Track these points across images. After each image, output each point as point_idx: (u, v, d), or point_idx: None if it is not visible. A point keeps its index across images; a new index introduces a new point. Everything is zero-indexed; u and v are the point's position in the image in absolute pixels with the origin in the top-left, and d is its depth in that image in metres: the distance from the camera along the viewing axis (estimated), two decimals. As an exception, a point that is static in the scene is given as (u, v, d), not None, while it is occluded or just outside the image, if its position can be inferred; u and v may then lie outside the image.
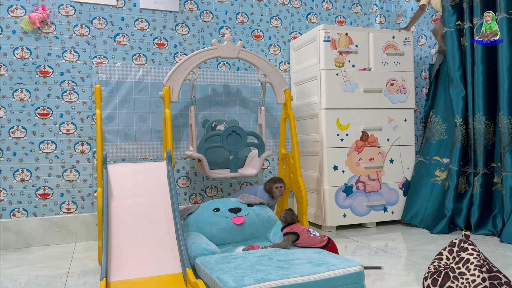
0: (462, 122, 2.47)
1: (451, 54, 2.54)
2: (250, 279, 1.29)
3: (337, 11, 3.05)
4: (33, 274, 1.82)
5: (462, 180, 2.49)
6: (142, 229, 1.72)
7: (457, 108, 2.50)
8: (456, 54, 2.53)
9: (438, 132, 2.64)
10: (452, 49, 2.54)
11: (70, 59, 2.45)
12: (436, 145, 2.63)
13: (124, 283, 1.50)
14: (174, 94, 2.23)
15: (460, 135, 2.47)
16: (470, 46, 2.47)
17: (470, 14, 2.47)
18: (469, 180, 2.47)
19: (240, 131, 2.31)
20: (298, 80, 2.76)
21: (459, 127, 2.48)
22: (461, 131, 2.47)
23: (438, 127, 2.65)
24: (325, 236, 1.72)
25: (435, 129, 2.66)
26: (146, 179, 1.93)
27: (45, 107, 2.41)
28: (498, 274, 1.27)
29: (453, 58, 2.53)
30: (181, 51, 2.66)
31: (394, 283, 1.56)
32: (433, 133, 2.66)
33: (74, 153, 2.45)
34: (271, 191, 2.28)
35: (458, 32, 2.54)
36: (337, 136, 2.50)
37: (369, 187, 2.57)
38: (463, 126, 2.47)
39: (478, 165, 2.41)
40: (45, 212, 2.39)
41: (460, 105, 2.49)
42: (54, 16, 2.42)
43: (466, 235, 1.35)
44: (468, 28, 2.48)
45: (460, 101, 2.49)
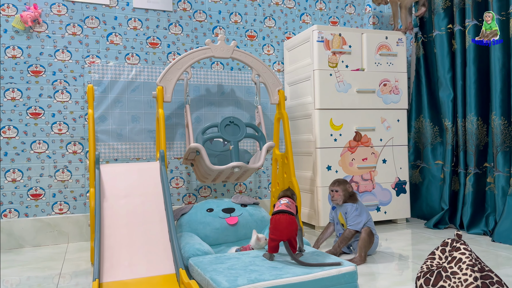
0: (451, 125, 2.53)
1: (441, 57, 2.58)
2: (244, 279, 1.29)
3: (330, 11, 3.06)
4: (24, 275, 1.80)
5: (454, 179, 2.54)
6: (135, 229, 1.71)
7: (447, 111, 2.55)
8: (446, 58, 2.57)
9: (432, 136, 2.71)
10: (442, 52, 2.58)
11: (63, 58, 2.43)
12: (433, 149, 2.73)
13: (117, 284, 1.49)
14: (167, 94, 2.22)
15: (450, 137, 2.53)
16: (462, 48, 2.49)
17: (461, 17, 2.50)
18: (459, 180, 2.51)
19: (238, 122, 2.24)
20: (292, 80, 2.77)
21: (449, 129, 2.53)
22: (451, 133, 2.53)
23: (430, 130, 2.72)
24: (286, 203, 1.60)
25: (428, 133, 2.73)
26: (139, 179, 1.92)
27: (37, 107, 2.39)
28: (489, 273, 1.28)
29: (443, 62, 2.57)
30: (175, 51, 2.65)
31: (387, 282, 1.57)
32: (427, 137, 2.74)
33: (66, 153, 2.43)
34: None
35: (449, 36, 2.57)
36: (330, 136, 2.51)
37: (362, 187, 2.58)
38: (452, 128, 2.53)
39: (469, 165, 2.44)
40: (37, 212, 2.37)
41: (450, 108, 2.55)
42: (46, 15, 2.41)
43: (459, 234, 1.36)
44: (459, 31, 2.50)
45: (449, 104, 2.55)
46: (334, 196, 1.94)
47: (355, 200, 1.92)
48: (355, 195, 1.95)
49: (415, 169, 2.84)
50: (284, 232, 1.50)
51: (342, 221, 1.93)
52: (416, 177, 2.83)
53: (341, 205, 1.93)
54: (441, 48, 2.58)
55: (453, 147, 2.55)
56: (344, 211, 1.91)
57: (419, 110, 2.85)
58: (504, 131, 2.28)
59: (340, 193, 1.92)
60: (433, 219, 2.52)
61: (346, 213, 1.90)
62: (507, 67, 2.27)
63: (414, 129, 2.86)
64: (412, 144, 2.86)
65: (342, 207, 1.92)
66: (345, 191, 1.92)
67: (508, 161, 2.27)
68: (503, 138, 2.28)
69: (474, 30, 2.41)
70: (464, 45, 2.49)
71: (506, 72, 2.28)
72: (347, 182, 1.95)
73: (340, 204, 1.93)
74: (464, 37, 2.47)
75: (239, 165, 2.16)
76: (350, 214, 1.88)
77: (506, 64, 2.27)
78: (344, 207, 1.91)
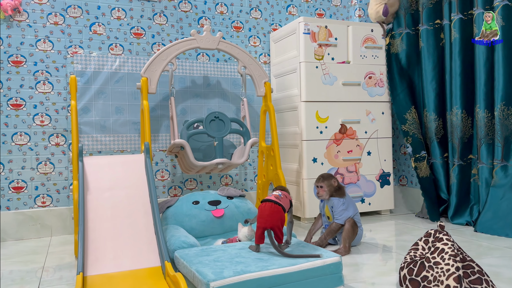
0: (436, 118, 2.56)
1: (427, 51, 2.60)
2: (230, 271, 1.29)
3: (316, 3, 3.05)
4: (7, 269, 1.77)
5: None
6: (120, 222, 1.70)
7: (433, 104, 2.58)
8: (434, 52, 2.58)
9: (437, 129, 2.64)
10: (428, 47, 2.59)
11: (44, 48, 2.38)
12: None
13: (101, 277, 1.47)
14: (152, 85, 2.20)
15: (436, 130, 2.56)
16: (449, 43, 2.51)
17: (449, 12, 2.51)
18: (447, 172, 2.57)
19: (223, 117, 2.24)
20: (278, 73, 2.76)
21: (434, 122, 2.57)
22: (436, 126, 2.56)
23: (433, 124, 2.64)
24: (277, 195, 1.59)
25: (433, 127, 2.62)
26: (124, 171, 1.90)
27: (18, 98, 2.33)
28: (471, 263, 1.31)
29: (429, 56, 2.59)
30: (159, 41, 2.62)
31: (371, 273, 1.59)
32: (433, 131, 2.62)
33: (48, 145, 2.39)
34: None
35: (437, 31, 2.59)
36: (316, 128, 2.51)
37: (347, 179, 2.59)
38: (438, 121, 2.56)
39: (454, 157, 2.48)
40: (19, 205, 2.33)
41: (436, 101, 2.58)
42: (27, 3, 2.34)
43: (441, 225, 1.38)
44: (447, 25, 2.52)
45: (435, 98, 2.57)
46: (319, 192, 1.94)
47: (342, 194, 1.93)
48: (343, 189, 1.95)
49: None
50: (267, 219, 1.50)
51: (328, 214, 1.95)
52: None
53: (328, 199, 1.93)
54: (428, 43, 2.60)
55: (440, 140, 2.59)
56: (330, 205, 1.92)
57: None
58: (488, 124, 2.32)
59: (325, 188, 1.92)
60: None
61: (332, 207, 1.91)
62: (490, 60, 2.30)
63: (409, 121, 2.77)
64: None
65: (329, 201, 1.93)
66: (330, 186, 1.93)
67: (491, 153, 2.31)
68: (487, 130, 2.32)
69: (459, 24, 2.43)
70: (450, 39, 2.50)
71: (490, 65, 2.30)
72: (332, 177, 1.95)
73: (327, 199, 1.94)
74: (451, 31, 2.49)
75: (223, 162, 2.20)
76: (336, 208, 1.89)
77: (490, 58, 2.30)
78: (331, 201, 1.92)
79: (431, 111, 2.59)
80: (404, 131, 2.63)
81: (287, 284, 1.32)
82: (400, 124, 2.65)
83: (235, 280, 1.25)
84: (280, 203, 1.55)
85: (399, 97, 2.67)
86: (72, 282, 1.59)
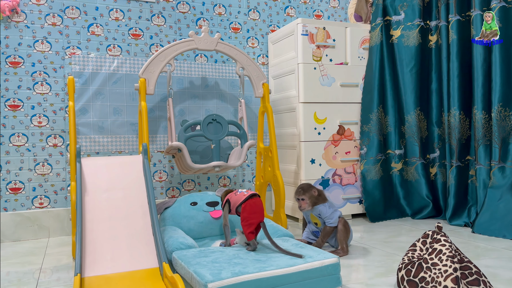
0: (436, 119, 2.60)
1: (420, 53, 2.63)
2: (228, 272, 1.29)
3: (314, 4, 3.05)
4: (4, 271, 1.77)
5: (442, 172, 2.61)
6: (118, 223, 1.69)
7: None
8: (430, 53, 2.60)
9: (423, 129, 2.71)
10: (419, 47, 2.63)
11: (42, 49, 2.38)
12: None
13: (99, 278, 1.47)
14: (150, 86, 2.20)
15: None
16: (446, 43, 2.52)
17: (446, 12, 2.52)
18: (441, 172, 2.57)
19: (221, 120, 2.25)
20: (276, 74, 2.76)
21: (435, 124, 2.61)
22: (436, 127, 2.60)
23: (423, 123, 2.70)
24: (249, 190, 1.66)
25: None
26: (122, 172, 1.89)
27: (16, 99, 2.33)
28: (468, 264, 1.31)
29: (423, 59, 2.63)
30: (157, 43, 2.62)
31: (369, 274, 1.59)
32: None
33: (46, 146, 2.38)
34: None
35: (425, 31, 2.61)
36: (314, 129, 2.52)
37: (345, 180, 2.60)
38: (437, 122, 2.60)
39: (452, 158, 2.48)
40: (16, 206, 2.32)
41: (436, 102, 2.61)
42: (25, 4, 2.34)
43: (439, 226, 1.38)
44: (444, 26, 2.52)
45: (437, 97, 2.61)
46: (302, 205, 1.87)
47: (324, 199, 1.89)
48: (323, 194, 1.90)
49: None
50: (261, 214, 1.59)
51: (315, 220, 1.92)
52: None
53: (312, 209, 1.89)
54: (419, 44, 2.63)
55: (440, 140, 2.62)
56: (317, 213, 1.88)
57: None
58: (485, 125, 2.32)
59: (307, 201, 1.87)
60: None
61: (320, 214, 1.87)
62: (488, 62, 2.31)
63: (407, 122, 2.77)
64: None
65: (313, 210, 1.89)
66: (311, 198, 1.87)
67: (488, 154, 2.31)
68: (484, 131, 2.32)
69: (457, 25, 2.43)
70: (447, 41, 2.51)
71: (487, 66, 2.31)
72: (311, 187, 1.89)
73: (311, 209, 1.90)
74: (448, 33, 2.49)
75: (219, 165, 2.23)
76: (325, 214, 1.85)
77: (487, 59, 2.31)
78: (316, 209, 1.87)
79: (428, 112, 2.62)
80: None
81: (285, 285, 1.32)
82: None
83: (233, 281, 1.25)
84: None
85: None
86: (69, 283, 1.59)
